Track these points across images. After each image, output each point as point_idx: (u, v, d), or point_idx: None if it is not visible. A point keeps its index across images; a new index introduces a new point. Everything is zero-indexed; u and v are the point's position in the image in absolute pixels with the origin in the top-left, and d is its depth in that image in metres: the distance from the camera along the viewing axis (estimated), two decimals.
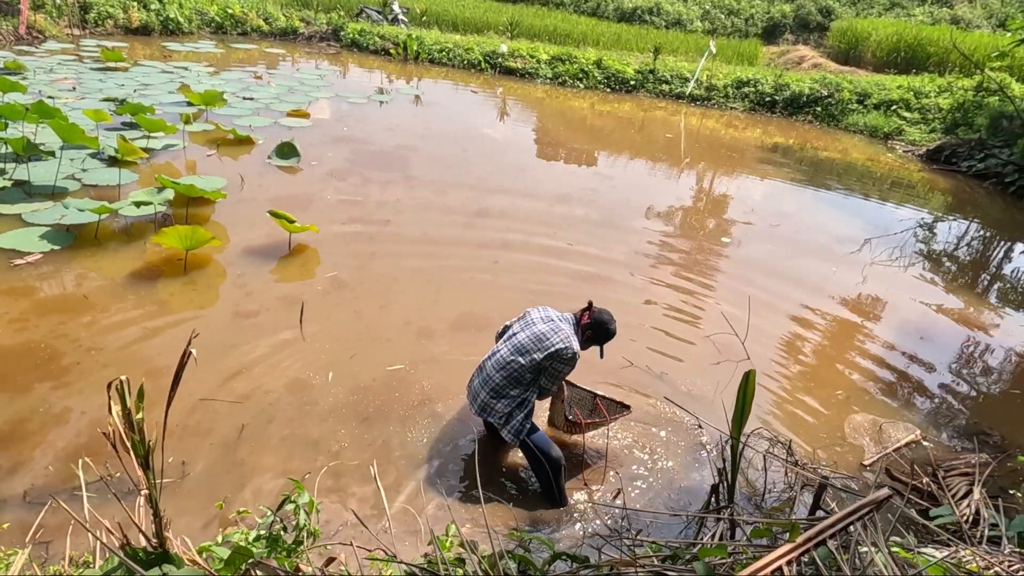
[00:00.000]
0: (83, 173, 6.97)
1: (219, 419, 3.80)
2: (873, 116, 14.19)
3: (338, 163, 8.41)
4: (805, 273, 6.80)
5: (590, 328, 3.52)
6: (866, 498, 1.56)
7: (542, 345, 3.35)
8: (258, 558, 1.61)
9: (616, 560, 1.62)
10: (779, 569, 1.38)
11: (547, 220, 7.30)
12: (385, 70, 15.46)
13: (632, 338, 5.14)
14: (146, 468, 1.79)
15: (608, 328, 3.55)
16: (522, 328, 3.48)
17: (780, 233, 7.97)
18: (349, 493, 3.41)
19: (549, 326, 3.41)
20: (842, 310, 6.10)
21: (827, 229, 8.31)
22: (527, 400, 3.42)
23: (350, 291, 5.30)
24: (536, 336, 3.39)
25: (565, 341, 3.34)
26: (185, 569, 1.48)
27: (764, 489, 3.67)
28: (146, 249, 5.63)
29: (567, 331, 3.40)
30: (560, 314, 3.56)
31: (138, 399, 1.86)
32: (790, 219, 8.57)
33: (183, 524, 3.19)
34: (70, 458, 3.41)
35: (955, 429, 4.57)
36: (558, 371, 3.40)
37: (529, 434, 3.43)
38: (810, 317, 5.88)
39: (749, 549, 1.60)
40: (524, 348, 3.38)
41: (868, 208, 9.48)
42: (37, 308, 4.62)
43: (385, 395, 4.15)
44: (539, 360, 3.34)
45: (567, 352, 3.34)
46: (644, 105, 15.06)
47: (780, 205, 9.22)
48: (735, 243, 7.52)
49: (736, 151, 11.99)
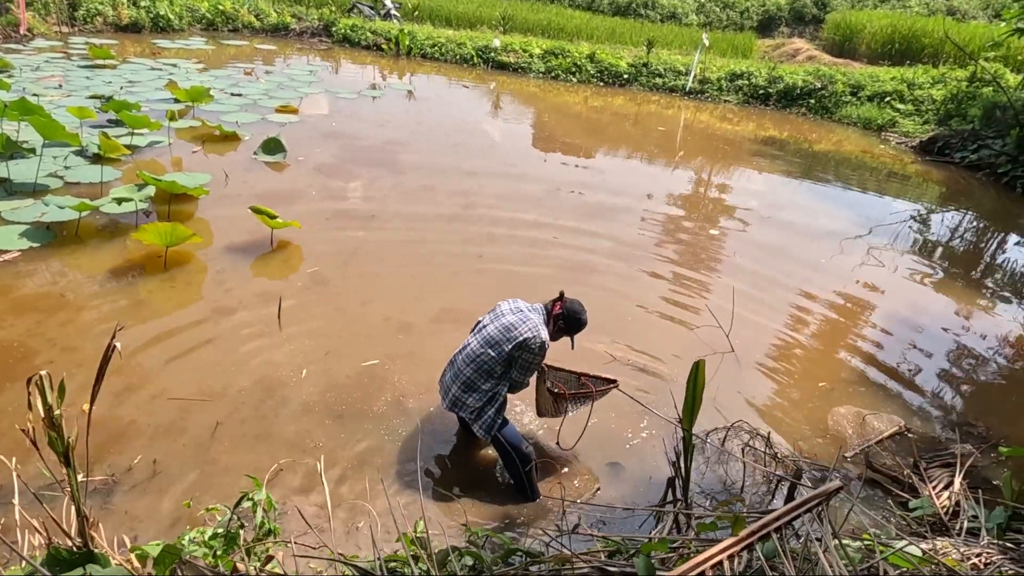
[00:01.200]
0: (66, 171, 6.92)
1: (191, 418, 3.76)
2: (867, 108, 14.12)
3: (325, 159, 8.35)
4: (795, 266, 6.76)
5: (561, 318, 3.47)
6: (816, 490, 1.51)
7: (510, 335, 3.30)
8: (186, 556, 1.57)
9: (561, 555, 1.57)
10: (719, 564, 1.34)
11: (535, 214, 7.24)
12: (377, 65, 15.39)
13: (614, 330, 5.11)
14: (67, 465, 1.73)
15: (579, 318, 3.50)
16: (492, 320, 3.44)
17: (770, 225, 7.92)
18: (316, 491, 3.36)
19: (518, 316, 3.36)
20: (830, 302, 6.05)
21: (819, 221, 8.25)
22: (498, 394, 3.38)
23: (331, 287, 5.26)
24: (505, 327, 3.34)
25: (533, 331, 3.29)
26: (110, 569, 1.44)
27: (743, 482, 3.63)
28: (127, 246, 5.58)
29: (535, 321, 3.35)
30: (530, 305, 3.51)
31: (59, 395, 1.80)
32: (781, 211, 8.51)
33: (151, 523, 3.16)
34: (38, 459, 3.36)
35: (940, 421, 4.53)
36: (528, 362, 3.35)
37: (500, 429, 3.39)
38: (798, 309, 5.84)
39: (693, 543, 1.56)
40: (493, 340, 3.33)
41: (861, 200, 9.42)
42: (12, 307, 4.57)
43: (358, 392, 4.10)
44: (508, 351, 3.29)
45: (534, 342, 3.28)
46: (637, 99, 14.99)
47: (772, 198, 9.17)
48: (724, 235, 7.47)
49: (729, 144, 11.93)
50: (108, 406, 3.75)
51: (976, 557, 2.82)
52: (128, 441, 3.57)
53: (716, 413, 4.26)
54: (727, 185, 9.71)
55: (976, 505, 3.35)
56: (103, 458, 3.44)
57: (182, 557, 1.46)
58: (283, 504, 3.24)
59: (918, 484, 3.69)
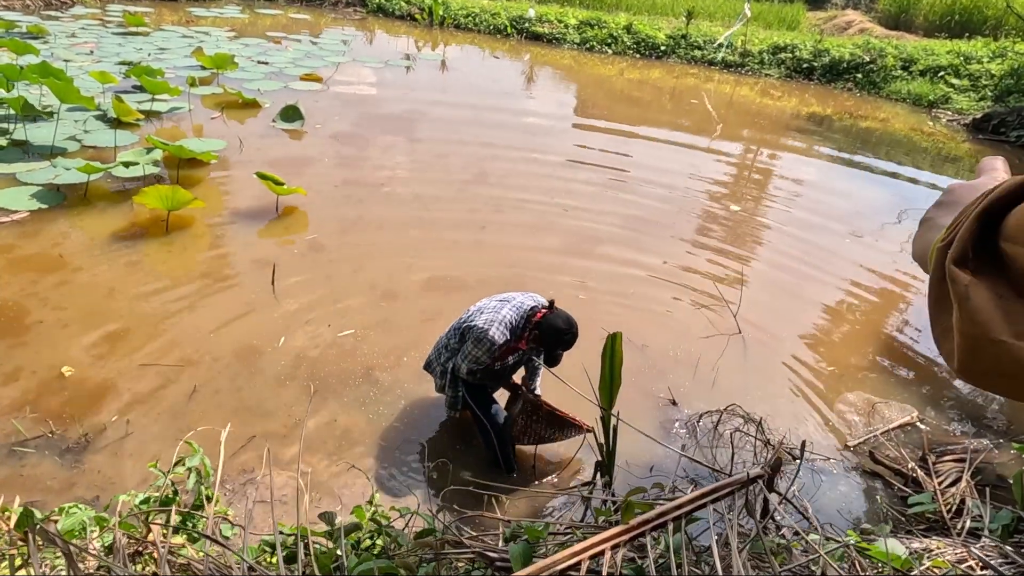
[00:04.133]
0: (84, 134, 6.99)
1: (169, 383, 3.71)
2: (918, 83, 13.37)
3: (343, 126, 8.28)
4: (820, 246, 6.39)
5: (537, 328, 3.09)
6: (724, 480, 1.33)
7: (469, 316, 3.20)
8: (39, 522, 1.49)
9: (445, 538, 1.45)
10: (600, 553, 1.18)
11: (548, 186, 7.03)
12: (410, 36, 15.22)
13: (616, 306, 4.91)
14: None
15: (558, 334, 3.06)
16: (485, 299, 3.31)
17: (799, 204, 7.54)
18: (278, 462, 3.30)
19: (493, 304, 3.18)
20: (854, 286, 5.71)
21: (853, 201, 7.83)
22: (447, 370, 3.30)
23: (325, 254, 5.17)
24: (478, 307, 3.23)
25: (487, 324, 3.07)
26: None
27: (731, 470, 3.43)
28: (133, 210, 5.59)
29: (501, 317, 3.09)
30: (522, 302, 3.20)
31: None
32: (814, 190, 8.10)
33: (121, 482, 3.13)
34: (15, 415, 3.38)
35: (957, 412, 4.22)
36: (467, 351, 3.13)
37: (477, 403, 3.26)
38: (817, 291, 5.53)
39: (579, 531, 1.41)
40: (464, 316, 3.26)
41: (904, 180, 8.92)
42: (11, 266, 4.62)
43: (331, 364, 3.98)
44: (463, 329, 3.20)
45: (479, 332, 3.06)
46: (675, 72, 14.50)
47: (806, 175, 8.73)
48: (747, 212, 7.14)
49: (768, 119, 11.44)
50: (88, 367, 3.74)
51: (973, 559, 2.60)
52: (105, 402, 3.55)
53: (716, 395, 4.07)
54: (758, 161, 9.30)
55: (982, 504, 3.10)
56: (79, 417, 3.43)
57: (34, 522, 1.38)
58: (251, 473, 3.19)
59: (923, 479, 3.43)
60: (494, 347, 3.06)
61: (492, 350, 3.08)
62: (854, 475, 3.62)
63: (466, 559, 1.38)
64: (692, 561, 1.29)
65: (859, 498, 3.49)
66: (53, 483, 3.09)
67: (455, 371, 3.25)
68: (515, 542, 1.32)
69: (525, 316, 3.15)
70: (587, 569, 1.17)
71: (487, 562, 1.30)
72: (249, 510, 2.84)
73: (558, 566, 1.17)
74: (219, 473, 1.97)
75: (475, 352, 3.09)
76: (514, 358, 3.27)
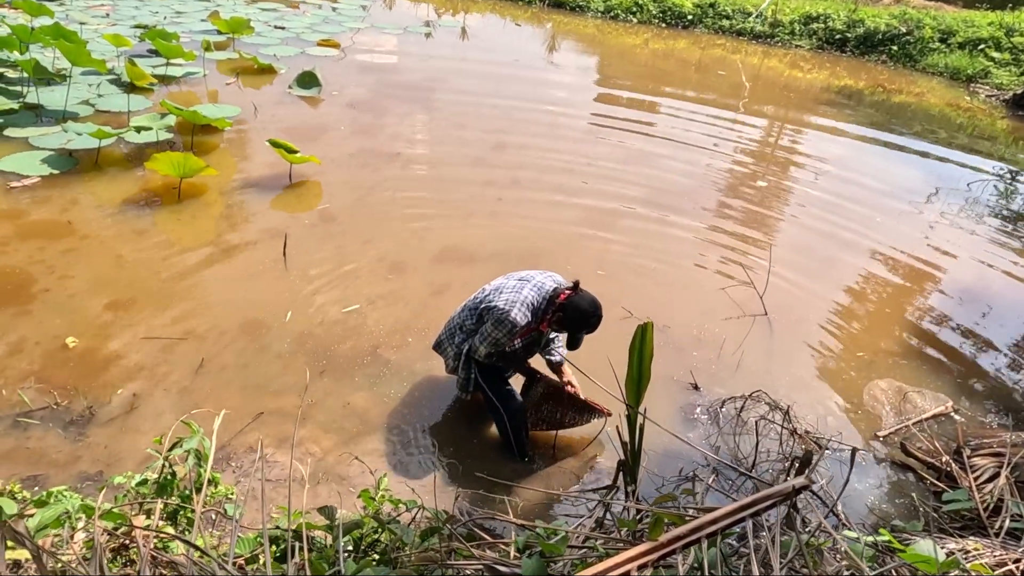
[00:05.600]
0: (98, 99, 6.88)
1: (175, 357, 3.61)
2: (956, 56, 12.83)
3: (360, 94, 8.09)
4: (850, 225, 6.13)
5: (561, 310, 2.93)
6: (765, 491, 1.19)
7: (487, 296, 3.05)
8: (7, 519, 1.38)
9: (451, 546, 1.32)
10: (626, 574, 1.05)
11: (567, 158, 6.82)
12: (430, 2, 14.89)
13: (636, 284, 4.75)
14: None
15: (583, 316, 2.90)
16: (502, 277, 3.16)
17: (828, 180, 7.26)
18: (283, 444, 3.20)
19: (513, 284, 3.02)
20: (886, 268, 5.48)
21: (884, 178, 7.52)
22: (461, 352, 3.15)
23: (336, 225, 5.04)
24: (495, 287, 3.07)
25: (507, 304, 2.91)
26: None
27: (754, 461, 3.28)
28: (145, 176, 5.48)
29: (524, 298, 2.94)
30: (542, 282, 3.05)
31: None
32: (844, 166, 7.79)
33: (126, 457, 3.05)
34: (20, 385, 3.31)
35: (995, 403, 4.02)
36: (486, 332, 2.99)
37: (490, 385, 3.13)
38: (846, 273, 5.31)
39: (600, 545, 1.27)
40: (480, 294, 3.12)
41: (938, 158, 8.56)
42: (21, 232, 4.54)
43: (335, 340, 3.86)
44: (480, 310, 3.04)
45: (499, 313, 2.91)
46: (701, 42, 14.05)
47: (835, 151, 8.41)
48: (773, 188, 6.88)
49: (796, 92, 11.05)
50: (94, 338, 3.66)
51: (1013, 563, 2.44)
52: (110, 375, 3.47)
53: (739, 380, 3.91)
54: (786, 136, 8.99)
55: (1022, 503, 2.93)
56: (84, 389, 3.36)
57: (3, 518, 1.28)
58: (254, 452, 3.10)
59: (957, 473, 3.26)
60: (516, 329, 2.92)
61: (513, 332, 2.93)
62: (884, 467, 3.46)
63: (474, 569, 1.25)
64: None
65: (888, 491, 3.33)
66: (59, 456, 3.02)
67: (471, 352, 3.12)
68: (528, 555, 1.19)
69: (547, 297, 2.99)
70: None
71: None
72: (248, 492, 2.75)
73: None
74: (210, 462, 1.85)
75: (495, 334, 2.95)
76: (530, 339, 3.13)
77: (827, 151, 8.30)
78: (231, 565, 1.22)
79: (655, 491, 3.11)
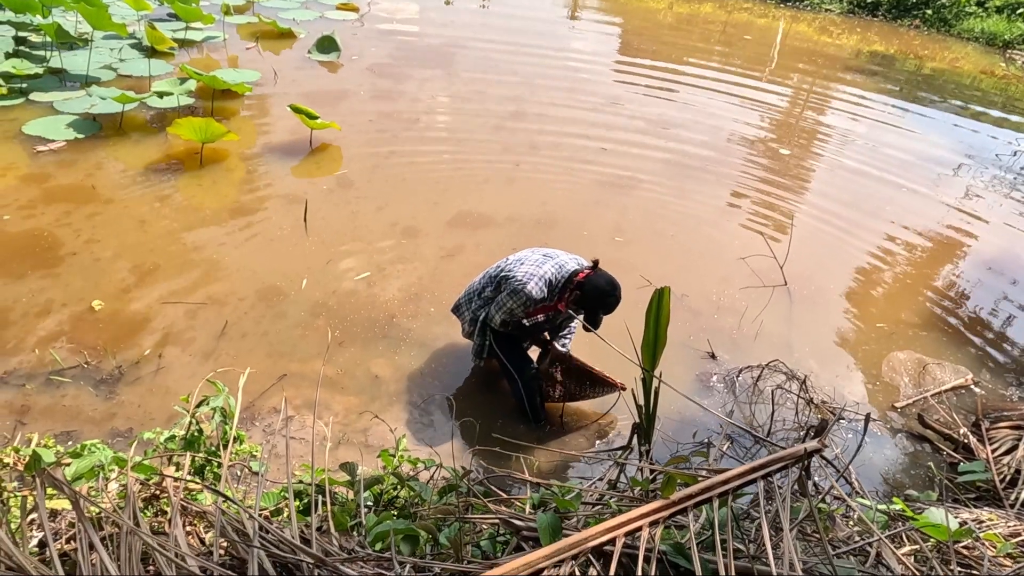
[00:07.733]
0: (120, 63, 6.90)
1: (199, 321, 3.69)
2: (993, 21, 12.41)
3: (380, 58, 8.04)
4: (874, 196, 6.05)
5: (579, 288, 2.93)
6: (778, 452, 1.20)
7: (507, 266, 3.06)
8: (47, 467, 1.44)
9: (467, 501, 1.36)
10: (637, 529, 1.07)
11: (586, 124, 6.76)
12: None
13: (654, 252, 4.73)
14: None
15: (601, 295, 2.90)
16: (528, 251, 3.18)
17: (854, 149, 7.13)
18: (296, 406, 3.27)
19: (536, 257, 3.03)
20: (910, 238, 5.40)
21: (912, 148, 7.36)
22: (477, 318, 3.19)
23: (354, 191, 5.06)
24: (517, 258, 3.08)
25: (526, 276, 2.93)
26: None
27: (769, 429, 3.30)
28: (168, 141, 5.53)
29: (543, 272, 2.95)
30: (565, 261, 3.05)
31: None
32: (868, 134, 7.64)
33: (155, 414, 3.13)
34: (51, 345, 3.41)
35: (1016, 376, 3.99)
36: (501, 302, 3.01)
37: (505, 352, 3.17)
38: (869, 243, 5.24)
39: (612, 501, 1.30)
40: (501, 263, 3.14)
41: (970, 127, 8.36)
42: (47, 196, 4.61)
43: (347, 306, 3.90)
44: (499, 278, 3.07)
45: (516, 283, 2.93)
46: (728, 5, 13.73)
47: (860, 118, 8.22)
48: (797, 157, 6.77)
49: (825, 57, 10.78)
50: (120, 301, 3.74)
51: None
52: (136, 337, 3.55)
53: (757, 349, 3.91)
54: (812, 103, 8.80)
55: None
56: (111, 350, 3.44)
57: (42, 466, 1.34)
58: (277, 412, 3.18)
59: (975, 445, 3.25)
60: (530, 301, 2.94)
61: (528, 304, 2.95)
62: (900, 438, 3.46)
63: (490, 523, 1.29)
64: (736, 537, 1.18)
65: (904, 463, 3.34)
66: (94, 414, 3.11)
67: (487, 320, 3.15)
68: (543, 510, 1.22)
69: (567, 276, 3.00)
70: (623, 545, 1.07)
71: (512, 530, 1.21)
72: (271, 451, 2.83)
73: (590, 542, 1.07)
74: (235, 420, 1.91)
75: (510, 304, 2.98)
76: (548, 316, 3.15)
77: (854, 119, 8.13)
78: (258, 515, 1.27)
79: (669, 455, 3.14)
